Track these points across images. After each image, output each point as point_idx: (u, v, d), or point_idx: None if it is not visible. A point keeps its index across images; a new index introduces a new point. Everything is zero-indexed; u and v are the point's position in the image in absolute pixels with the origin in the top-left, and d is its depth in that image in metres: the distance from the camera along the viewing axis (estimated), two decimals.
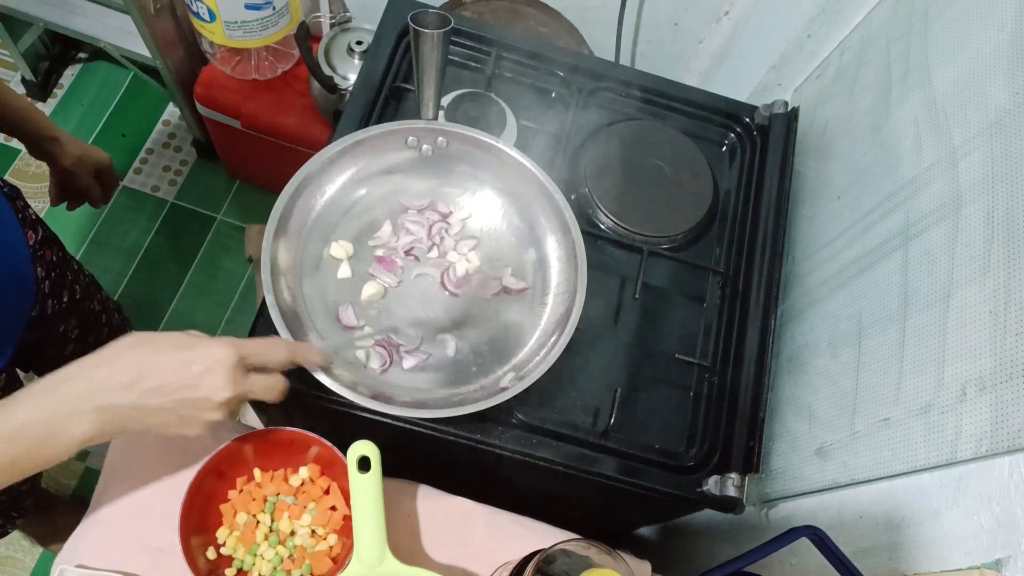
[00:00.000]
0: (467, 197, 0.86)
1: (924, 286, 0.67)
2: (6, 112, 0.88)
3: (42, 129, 0.92)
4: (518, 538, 0.78)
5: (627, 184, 0.94)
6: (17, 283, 0.81)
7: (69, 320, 1.01)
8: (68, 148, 0.95)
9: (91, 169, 0.99)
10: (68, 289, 0.99)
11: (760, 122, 1.00)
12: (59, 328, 0.99)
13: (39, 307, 0.90)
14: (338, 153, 0.79)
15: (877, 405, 0.69)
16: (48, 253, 0.94)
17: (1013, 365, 0.55)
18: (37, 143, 0.92)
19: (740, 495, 0.77)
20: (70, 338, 1.02)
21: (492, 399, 0.71)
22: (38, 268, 0.90)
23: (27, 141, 0.92)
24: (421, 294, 0.81)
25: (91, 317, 1.08)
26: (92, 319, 1.08)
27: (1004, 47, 0.65)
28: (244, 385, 0.58)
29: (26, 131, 0.91)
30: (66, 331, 1.01)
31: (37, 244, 0.91)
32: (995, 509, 0.54)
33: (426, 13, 0.72)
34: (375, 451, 0.67)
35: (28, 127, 0.91)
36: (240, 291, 1.78)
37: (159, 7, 1.40)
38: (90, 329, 1.08)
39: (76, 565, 0.70)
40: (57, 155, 0.95)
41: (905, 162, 0.75)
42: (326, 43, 1.38)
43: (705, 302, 0.91)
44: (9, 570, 1.47)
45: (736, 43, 1.33)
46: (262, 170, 1.77)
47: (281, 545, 0.71)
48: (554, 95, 1.00)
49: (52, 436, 0.54)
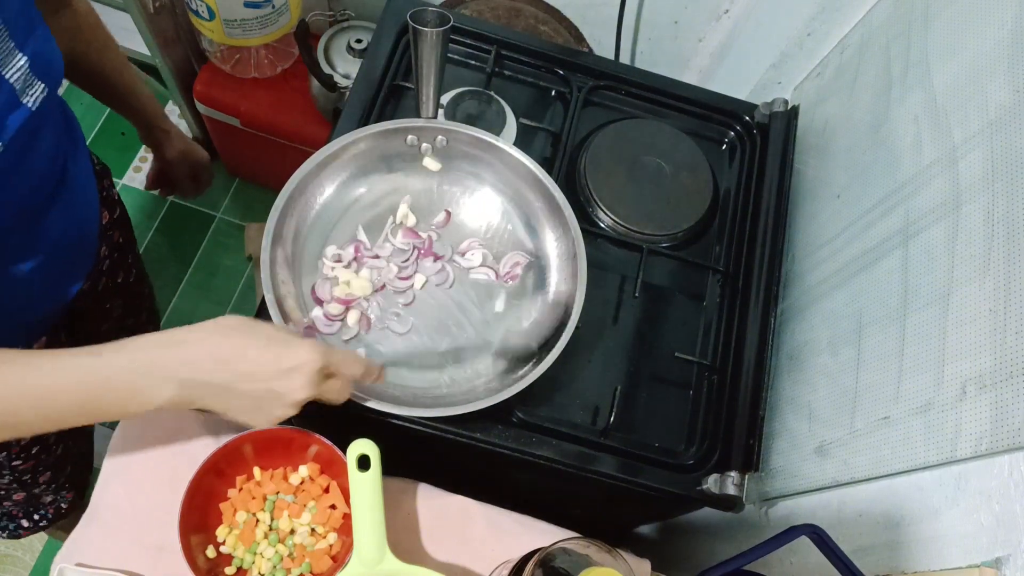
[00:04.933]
0: (466, 196, 0.86)
1: (924, 284, 0.67)
2: (130, 97, 0.95)
3: (156, 120, 1.00)
4: (518, 536, 0.78)
5: (627, 182, 0.94)
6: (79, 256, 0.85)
7: (116, 299, 1.03)
8: (174, 142, 1.03)
9: (190, 165, 1.08)
10: (124, 271, 1.03)
11: (760, 120, 1.00)
12: (105, 305, 1.02)
13: (91, 282, 0.93)
14: (338, 152, 0.79)
15: (877, 403, 0.69)
16: (116, 234, 0.98)
17: (1013, 363, 0.55)
18: (150, 130, 1.01)
19: (740, 493, 0.77)
20: (111, 316, 1.05)
21: (492, 398, 0.71)
22: (103, 247, 0.94)
23: (140, 127, 1.00)
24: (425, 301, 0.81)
25: (136, 300, 1.11)
26: (136, 303, 1.11)
27: (1004, 45, 0.65)
28: (320, 388, 0.60)
29: (142, 118, 0.99)
30: (111, 309, 1.04)
31: (110, 224, 0.95)
32: (995, 508, 0.54)
33: (425, 11, 0.72)
34: (375, 449, 0.67)
35: (145, 115, 0.99)
36: (240, 290, 1.78)
37: (158, 5, 1.40)
38: (131, 312, 1.10)
39: (76, 564, 0.70)
40: (163, 145, 1.02)
41: (905, 160, 0.75)
42: (325, 41, 1.38)
43: (705, 300, 0.91)
44: (9, 568, 1.47)
45: (736, 41, 1.33)
46: (261, 168, 1.77)
47: (281, 543, 0.71)
48: (554, 93, 1.00)
49: (139, 393, 0.55)
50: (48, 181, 0.72)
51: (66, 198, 0.75)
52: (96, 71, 0.89)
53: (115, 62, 0.90)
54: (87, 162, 0.83)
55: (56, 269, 0.79)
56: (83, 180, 0.81)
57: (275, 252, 0.74)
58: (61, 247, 0.77)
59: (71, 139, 0.78)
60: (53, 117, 0.70)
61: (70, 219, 0.77)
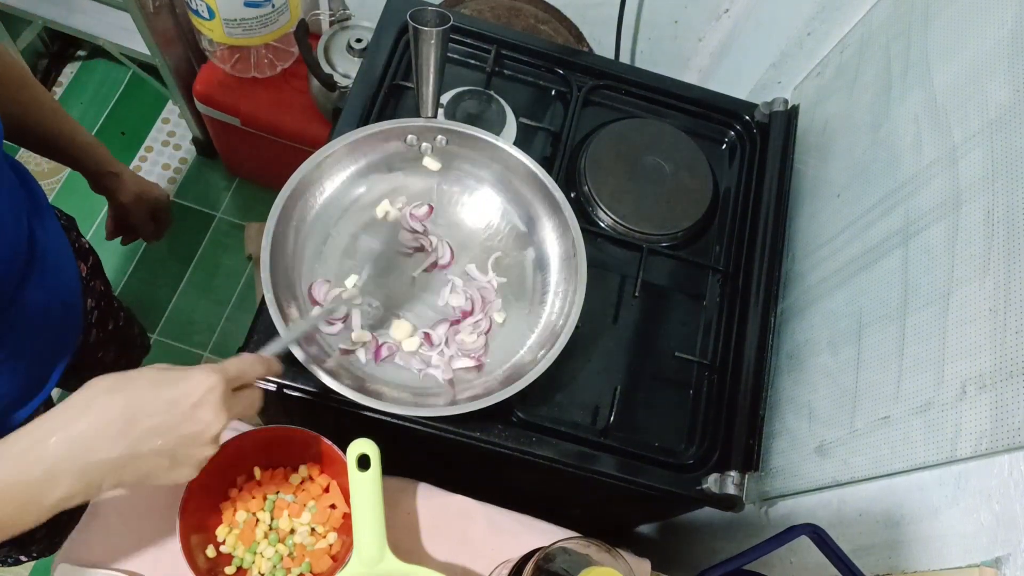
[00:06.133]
0: (466, 196, 0.86)
1: (924, 284, 0.67)
2: (71, 147, 0.87)
3: (104, 165, 0.91)
4: (518, 536, 0.78)
5: (627, 182, 0.94)
6: (68, 316, 0.81)
7: (108, 347, 1.00)
8: (127, 185, 0.94)
9: (148, 206, 0.99)
10: (113, 317, 0.99)
11: (760, 120, 1.00)
12: (98, 354, 0.98)
13: (83, 336, 0.89)
14: (337, 151, 0.79)
15: (877, 403, 0.69)
16: (97, 283, 0.94)
17: (1013, 363, 0.55)
18: (98, 178, 0.92)
19: (740, 493, 0.77)
20: (106, 363, 1.02)
21: (492, 398, 0.71)
22: (88, 300, 0.90)
23: (88, 175, 0.92)
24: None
25: (129, 341, 1.07)
26: (129, 343, 1.08)
27: (1004, 44, 0.65)
28: (233, 409, 0.56)
29: (88, 166, 0.90)
30: (104, 356, 1.01)
31: (89, 274, 0.90)
32: (995, 507, 0.54)
33: (425, 11, 0.72)
34: (375, 449, 0.67)
35: (90, 162, 0.90)
36: (239, 289, 1.78)
37: (158, 5, 1.40)
38: (124, 353, 1.08)
39: (76, 564, 0.70)
40: (116, 190, 0.94)
41: (905, 160, 0.75)
42: (325, 41, 1.38)
43: (705, 300, 0.91)
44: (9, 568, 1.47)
45: (736, 41, 1.33)
46: (261, 168, 1.77)
47: (281, 543, 0.71)
48: (553, 93, 1.00)
49: (30, 501, 0.49)
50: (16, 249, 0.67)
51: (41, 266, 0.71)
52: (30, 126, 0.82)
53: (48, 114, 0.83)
54: (54, 221, 0.78)
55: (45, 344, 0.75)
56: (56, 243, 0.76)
57: (275, 252, 0.74)
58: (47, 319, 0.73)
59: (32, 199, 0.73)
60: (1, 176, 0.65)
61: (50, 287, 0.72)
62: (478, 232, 0.85)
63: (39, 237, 0.72)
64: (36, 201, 0.74)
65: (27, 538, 0.97)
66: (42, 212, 0.75)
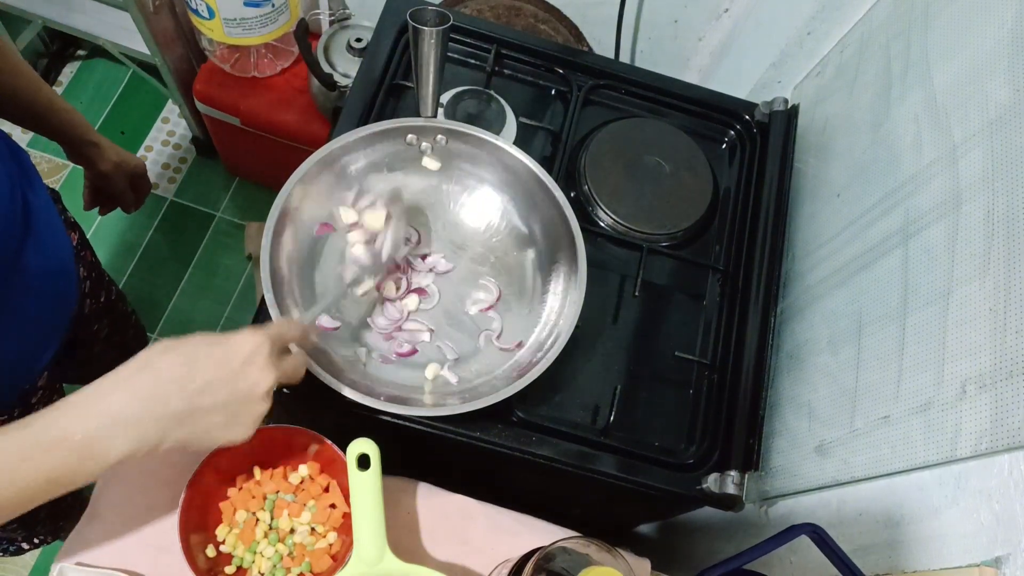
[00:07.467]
0: (466, 195, 0.86)
1: (924, 283, 0.67)
2: (50, 115, 0.88)
3: (83, 134, 0.92)
4: (518, 535, 0.78)
5: (627, 182, 0.94)
6: (65, 281, 0.82)
7: (102, 319, 1.01)
8: (106, 154, 0.95)
9: (127, 175, 1.00)
10: (105, 289, 1.01)
11: (760, 119, 1.00)
12: (93, 327, 1.00)
13: (78, 306, 0.91)
14: (337, 151, 0.79)
15: (877, 402, 0.69)
16: (87, 254, 0.95)
17: (1013, 363, 0.55)
18: (77, 147, 0.93)
19: (740, 493, 0.77)
20: (99, 337, 1.03)
21: (492, 397, 0.71)
22: (80, 268, 0.91)
23: (67, 145, 0.93)
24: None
25: (122, 318, 1.09)
26: (122, 320, 1.09)
27: (1004, 44, 0.65)
28: (281, 368, 0.58)
29: (67, 135, 0.91)
30: (98, 330, 1.02)
31: (79, 245, 0.92)
32: (995, 507, 0.54)
33: (425, 10, 0.72)
34: (375, 449, 0.67)
35: (69, 131, 0.90)
36: (239, 289, 1.78)
37: (158, 4, 1.40)
38: (118, 330, 1.09)
39: (76, 563, 0.70)
40: (95, 160, 0.95)
41: (905, 159, 0.75)
42: (325, 40, 1.38)
43: (705, 300, 0.91)
44: (9, 567, 1.47)
45: (736, 40, 1.33)
46: (261, 167, 1.77)
47: (281, 543, 0.71)
48: (553, 92, 1.00)
49: (91, 452, 0.50)
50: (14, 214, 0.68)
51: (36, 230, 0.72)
52: (9, 96, 0.83)
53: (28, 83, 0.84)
54: (43, 189, 0.79)
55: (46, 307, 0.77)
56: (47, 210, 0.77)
57: (275, 251, 0.74)
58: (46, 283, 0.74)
59: (21, 169, 0.74)
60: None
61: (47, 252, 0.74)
62: (478, 232, 0.85)
63: (33, 203, 0.73)
64: (25, 169, 0.75)
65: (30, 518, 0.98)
66: (32, 180, 0.76)
